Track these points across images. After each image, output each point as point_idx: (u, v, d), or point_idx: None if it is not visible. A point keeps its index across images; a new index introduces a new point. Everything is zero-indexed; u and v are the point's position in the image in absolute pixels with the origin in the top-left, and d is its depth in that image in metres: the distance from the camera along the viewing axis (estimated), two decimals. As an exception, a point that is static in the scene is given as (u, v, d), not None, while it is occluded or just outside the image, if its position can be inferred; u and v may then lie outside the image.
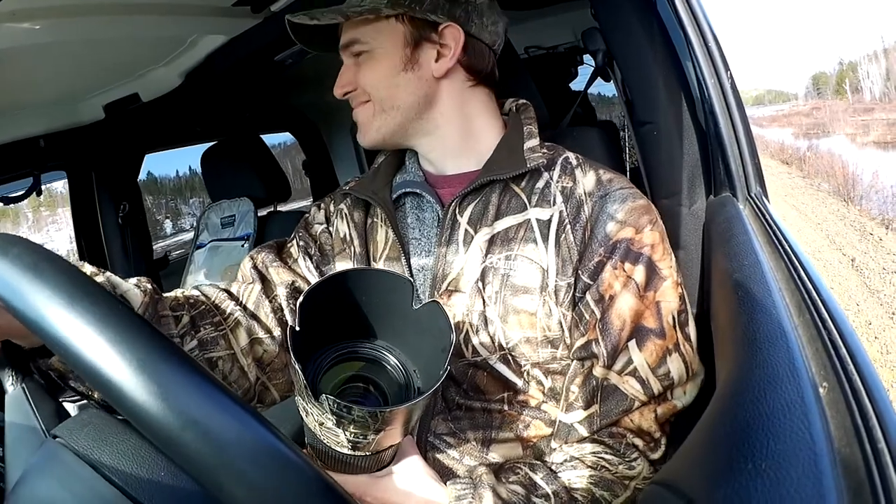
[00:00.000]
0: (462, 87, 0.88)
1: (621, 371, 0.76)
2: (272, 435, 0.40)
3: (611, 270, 0.77)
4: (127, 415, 0.39)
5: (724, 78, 0.95)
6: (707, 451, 0.48)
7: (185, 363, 0.41)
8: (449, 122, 0.88)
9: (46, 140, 1.74)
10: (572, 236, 0.79)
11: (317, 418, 0.57)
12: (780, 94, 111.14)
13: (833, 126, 34.81)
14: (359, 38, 0.85)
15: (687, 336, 0.78)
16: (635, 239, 0.78)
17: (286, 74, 1.80)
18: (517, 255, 0.81)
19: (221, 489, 0.38)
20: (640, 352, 0.76)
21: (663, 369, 0.76)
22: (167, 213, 7.59)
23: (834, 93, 71.04)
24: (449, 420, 0.83)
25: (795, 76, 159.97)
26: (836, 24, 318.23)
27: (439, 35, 0.84)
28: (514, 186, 0.84)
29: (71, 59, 1.28)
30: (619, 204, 0.80)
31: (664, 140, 1.01)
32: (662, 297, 0.77)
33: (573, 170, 0.84)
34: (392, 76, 0.84)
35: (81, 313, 0.40)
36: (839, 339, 0.50)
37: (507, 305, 0.80)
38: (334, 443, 0.59)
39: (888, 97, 53.55)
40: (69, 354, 0.39)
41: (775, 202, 1.01)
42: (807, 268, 0.65)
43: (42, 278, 0.41)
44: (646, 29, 1.00)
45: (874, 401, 0.42)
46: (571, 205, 0.81)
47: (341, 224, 0.96)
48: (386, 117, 0.86)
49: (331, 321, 0.65)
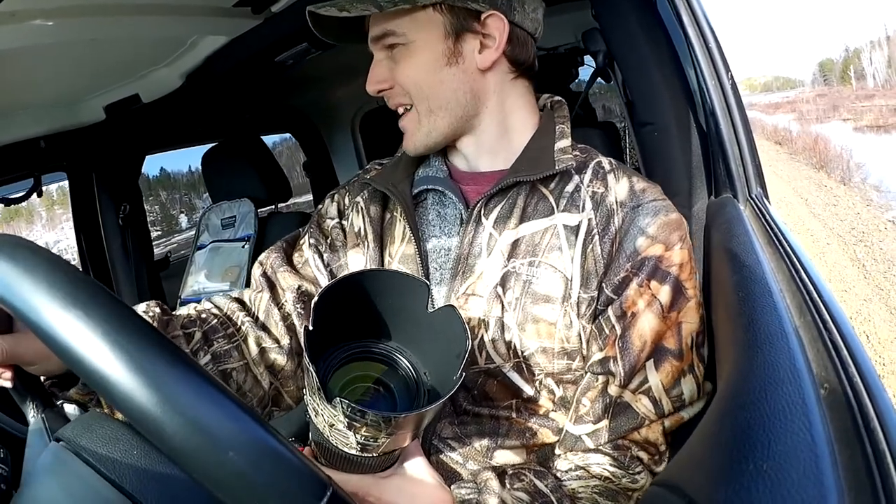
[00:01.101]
0: (504, 79, 0.83)
1: (636, 389, 0.74)
2: (271, 435, 0.40)
3: (636, 288, 0.74)
4: (127, 416, 0.39)
5: (724, 79, 0.95)
6: (708, 452, 0.48)
7: (179, 359, 0.40)
8: (491, 117, 0.84)
9: (47, 141, 1.74)
10: (600, 248, 0.76)
11: (327, 419, 0.56)
12: (788, 80, 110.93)
13: (833, 112, 36.84)
14: (393, 29, 0.78)
15: (701, 357, 0.76)
16: (664, 256, 0.75)
17: (287, 75, 1.80)
18: (541, 262, 0.77)
19: (221, 489, 0.38)
20: (657, 372, 0.74)
21: (677, 390, 0.74)
22: (181, 207, 7.61)
23: (840, 80, 71.21)
24: (455, 425, 0.81)
25: (803, 63, 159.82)
26: (843, 11, 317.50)
27: (482, 24, 0.78)
28: (541, 188, 0.80)
29: (71, 59, 1.28)
30: (651, 217, 0.76)
31: (665, 141, 1.01)
32: (685, 317, 0.75)
33: (605, 175, 0.80)
34: (436, 71, 0.79)
35: (79, 311, 0.40)
36: (840, 341, 0.50)
37: (526, 313, 0.77)
38: (342, 444, 0.59)
39: (889, 84, 53.87)
40: (61, 348, 0.39)
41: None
42: (808, 269, 0.65)
43: (40, 277, 0.41)
44: (646, 30, 1.00)
45: (875, 402, 0.43)
46: (601, 213, 0.77)
47: (356, 218, 0.91)
48: (435, 119, 0.82)
49: (344, 321, 0.64)
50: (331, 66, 2.13)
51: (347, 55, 1.89)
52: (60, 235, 7.32)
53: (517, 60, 0.83)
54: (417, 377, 0.67)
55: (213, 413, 0.39)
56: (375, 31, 0.80)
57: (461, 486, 0.71)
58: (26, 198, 1.82)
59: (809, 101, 46.37)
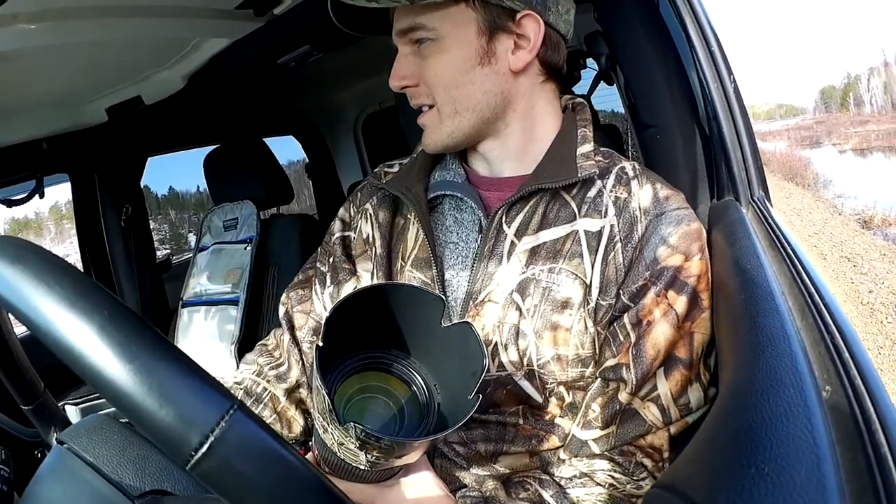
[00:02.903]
0: (535, 82, 0.80)
1: (645, 397, 0.73)
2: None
3: (653, 297, 0.73)
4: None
5: (726, 81, 0.95)
6: (710, 455, 0.48)
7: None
8: (518, 121, 0.81)
9: (49, 142, 1.75)
10: (622, 256, 0.74)
11: (337, 439, 0.55)
12: (791, 108, 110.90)
13: (826, 138, 40.49)
14: (423, 23, 0.74)
15: (708, 367, 0.75)
16: (683, 267, 0.73)
17: (289, 77, 1.80)
18: (561, 269, 0.75)
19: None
20: (667, 380, 0.73)
21: (684, 399, 0.73)
22: (190, 227, 7.63)
23: (840, 106, 71.69)
24: (462, 430, 0.79)
25: (805, 90, 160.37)
26: (844, 38, 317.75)
27: (516, 24, 0.75)
28: (564, 194, 0.78)
29: (74, 61, 1.29)
30: (674, 227, 0.74)
31: (667, 144, 1.01)
32: (698, 328, 0.73)
33: (629, 181, 0.78)
34: (466, 71, 0.75)
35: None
36: (842, 343, 0.50)
37: (545, 320, 0.75)
38: (352, 460, 0.57)
39: (885, 110, 54.55)
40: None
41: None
42: (809, 271, 0.65)
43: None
44: (649, 33, 1.00)
45: (877, 404, 0.42)
46: (624, 219, 0.76)
47: (364, 224, 0.90)
48: (460, 120, 0.78)
49: (356, 336, 0.63)
50: (333, 69, 2.14)
51: (350, 58, 1.90)
52: (69, 249, 7.33)
53: (549, 63, 0.80)
54: (429, 392, 0.66)
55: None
56: (403, 24, 0.76)
57: (466, 495, 0.70)
58: (28, 199, 1.82)
59: (805, 128, 47.99)
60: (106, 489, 0.46)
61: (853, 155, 29.29)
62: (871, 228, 11.24)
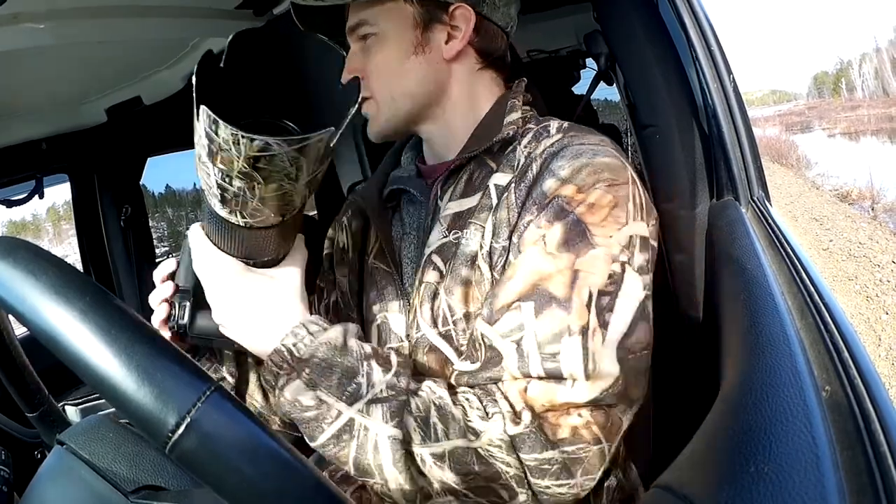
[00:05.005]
0: (471, 69, 0.84)
1: (506, 334, 0.66)
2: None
3: (534, 229, 0.69)
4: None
5: (726, 81, 0.95)
6: (709, 455, 0.48)
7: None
8: (456, 107, 0.84)
9: (48, 143, 1.75)
10: (514, 195, 0.73)
11: (196, 142, 0.55)
12: (785, 94, 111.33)
13: (816, 122, 41.49)
14: (366, 19, 0.80)
15: (605, 324, 0.64)
16: (574, 198, 0.68)
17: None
18: (470, 223, 0.76)
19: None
20: (535, 319, 0.64)
21: (553, 348, 0.63)
22: (188, 224, 7.63)
23: (832, 92, 72.03)
24: None
25: (799, 76, 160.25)
26: (837, 24, 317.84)
27: (450, 16, 0.80)
28: (487, 159, 0.80)
29: (73, 61, 1.29)
30: (569, 160, 0.71)
31: (666, 143, 1.01)
32: (584, 266, 0.65)
33: (548, 136, 0.78)
34: (402, 61, 0.80)
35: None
36: (842, 343, 0.50)
37: (456, 275, 0.75)
38: (207, 188, 0.56)
39: (876, 95, 54.84)
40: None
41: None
42: (809, 271, 0.65)
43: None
44: (648, 32, 1.00)
45: (876, 404, 0.43)
46: (525, 164, 0.75)
47: (342, 236, 0.95)
48: (396, 107, 0.82)
49: (251, 98, 0.63)
50: (333, 69, 2.13)
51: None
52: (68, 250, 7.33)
53: (485, 52, 0.84)
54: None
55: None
56: (351, 22, 0.82)
57: (311, 324, 0.67)
58: (28, 199, 1.83)
59: (796, 114, 48.47)
60: (100, 485, 0.47)
61: (842, 138, 29.92)
62: (849, 203, 12.03)
